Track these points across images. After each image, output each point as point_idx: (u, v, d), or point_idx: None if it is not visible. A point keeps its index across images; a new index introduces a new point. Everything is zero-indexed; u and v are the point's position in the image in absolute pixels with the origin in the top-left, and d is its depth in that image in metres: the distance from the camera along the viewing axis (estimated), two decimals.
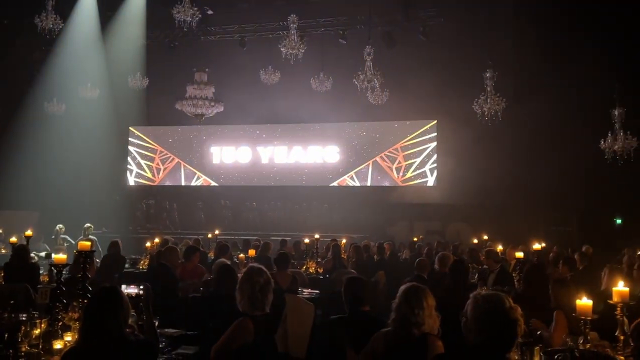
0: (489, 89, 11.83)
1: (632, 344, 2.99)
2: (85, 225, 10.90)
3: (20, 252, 6.33)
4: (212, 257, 8.01)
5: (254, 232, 13.44)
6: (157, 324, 3.66)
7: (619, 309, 3.35)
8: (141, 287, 3.78)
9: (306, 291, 6.66)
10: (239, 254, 7.86)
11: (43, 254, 8.88)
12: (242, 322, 3.21)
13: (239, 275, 3.87)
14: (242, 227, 14.95)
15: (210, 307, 4.52)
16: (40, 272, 6.41)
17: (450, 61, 12.15)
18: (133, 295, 3.50)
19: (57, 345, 3.35)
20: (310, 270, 8.50)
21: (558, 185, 12.42)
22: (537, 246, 7.80)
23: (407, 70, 12.60)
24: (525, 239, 9.69)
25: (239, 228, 14.64)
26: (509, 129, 12.30)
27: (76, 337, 3.28)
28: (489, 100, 11.73)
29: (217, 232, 11.82)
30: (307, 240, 10.09)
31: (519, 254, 6.54)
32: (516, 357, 2.78)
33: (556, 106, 12.15)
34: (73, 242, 10.54)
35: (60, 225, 11.15)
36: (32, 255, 7.29)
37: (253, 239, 10.58)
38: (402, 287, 3.08)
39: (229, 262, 6.22)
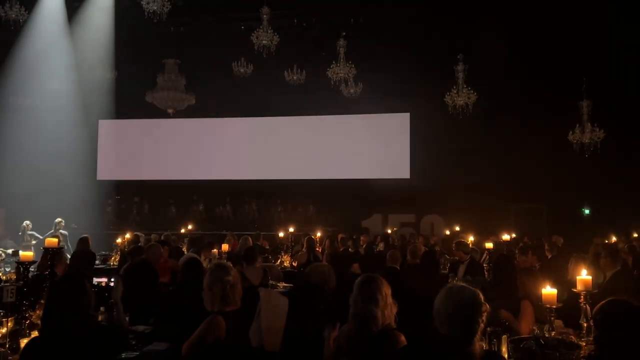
0: (460, 81, 12.01)
1: (595, 330, 3.08)
2: (56, 220, 10.67)
3: None
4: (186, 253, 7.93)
5: (227, 228, 13.35)
6: (127, 319, 3.62)
7: (582, 297, 3.46)
8: (112, 279, 3.75)
9: (280, 285, 6.66)
10: (213, 250, 7.78)
11: (10, 251, 8.66)
12: (213, 319, 3.20)
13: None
14: (215, 223, 14.85)
15: (177, 302, 4.49)
16: (7, 270, 6.27)
17: (422, 53, 12.24)
18: (103, 286, 3.45)
19: (25, 343, 3.29)
20: (285, 264, 8.52)
21: (528, 176, 12.71)
22: (506, 237, 7.97)
23: (380, 63, 12.65)
24: (496, 229, 9.89)
25: (211, 224, 14.55)
26: (479, 121, 12.49)
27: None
28: (460, 93, 11.91)
29: (190, 227, 11.73)
30: (281, 235, 10.11)
31: (489, 245, 6.69)
32: (484, 346, 2.84)
33: (525, 98, 12.40)
34: (41, 237, 10.31)
35: (28, 222, 10.90)
36: None
37: (226, 234, 10.52)
38: (357, 280, 3.05)
39: (196, 256, 6.18)
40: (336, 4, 11.84)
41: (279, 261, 8.67)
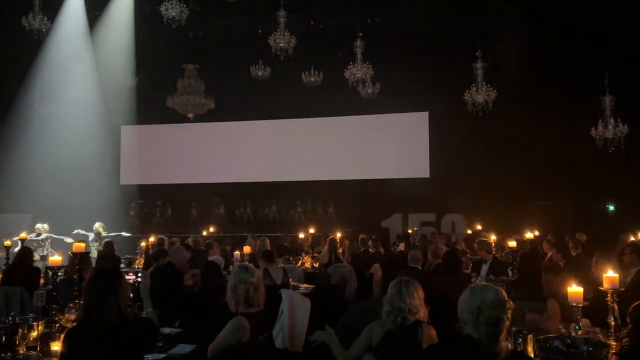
0: (479, 78, 11.90)
1: (629, 324, 3.07)
2: (96, 225, 10.82)
3: (24, 254, 6.36)
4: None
5: (247, 230, 13.46)
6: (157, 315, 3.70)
7: (609, 295, 3.40)
8: (139, 274, 3.83)
9: (302, 286, 6.69)
10: (235, 251, 7.86)
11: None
12: (237, 321, 3.24)
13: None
14: (235, 224, 14.99)
15: (202, 304, 4.56)
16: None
17: (440, 51, 12.17)
18: (130, 283, 3.53)
19: (55, 347, 3.37)
20: (306, 265, 8.55)
21: (551, 173, 12.52)
22: (529, 235, 7.87)
23: (398, 62, 12.61)
24: (519, 228, 9.77)
25: (232, 226, 14.69)
26: (500, 118, 12.36)
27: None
28: (479, 90, 11.81)
29: (212, 229, 11.85)
30: (301, 236, 10.15)
31: (512, 244, 6.61)
32: (509, 346, 2.82)
33: (546, 94, 12.22)
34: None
35: (45, 225, 11.04)
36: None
37: (247, 236, 10.61)
38: (394, 280, 3.23)
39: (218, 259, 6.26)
40: (352, 4, 11.83)
41: (299, 262, 8.70)
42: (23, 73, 12.70)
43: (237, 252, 7.77)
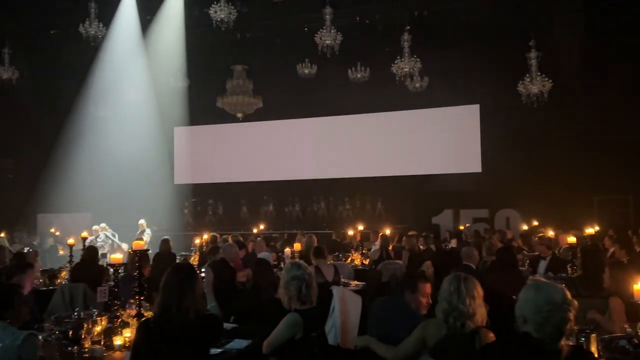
0: (533, 68, 11.48)
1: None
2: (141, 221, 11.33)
3: (91, 253, 6.71)
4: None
5: (296, 227, 13.56)
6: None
7: None
8: (203, 270, 3.94)
9: (352, 283, 6.67)
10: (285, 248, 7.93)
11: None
12: (292, 317, 3.28)
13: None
14: (284, 222, 15.16)
15: (256, 300, 4.64)
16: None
17: (491, 42, 11.82)
18: None
19: (117, 341, 3.51)
20: (356, 262, 8.53)
21: (611, 165, 11.92)
22: (590, 230, 7.54)
23: (446, 55, 12.34)
24: (577, 223, 9.37)
25: (281, 223, 14.86)
26: (555, 109, 11.89)
27: (134, 331, 3.42)
28: (533, 81, 11.41)
29: (262, 227, 12.01)
30: (350, 233, 10.15)
31: (572, 239, 6.35)
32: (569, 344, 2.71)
33: (604, 83, 11.64)
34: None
35: (103, 224, 11.56)
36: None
37: (297, 233, 10.68)
38: (450, 276, 3.05)
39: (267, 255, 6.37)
40: None
41: (349, 259, 8.69)
42: (81, 78, 13.29)
43: (287, 249, 7.85)
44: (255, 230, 11.75)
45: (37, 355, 2.85)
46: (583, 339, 2.96)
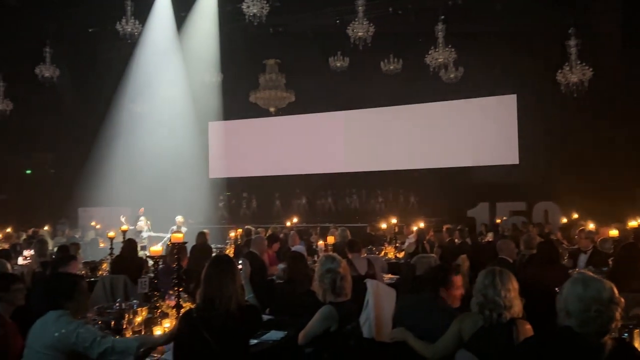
0: (572, 57, 11.13)
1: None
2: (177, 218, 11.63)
3: (131, 245, 6.90)
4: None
5: (329, 220, 13.58)
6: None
7: None
8: (240, 261, 3.98)
9: (386, 276, 6.64)
10: (319, 242, 7.97)
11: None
12: (327, 310, 3.29)
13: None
14: (317, 215, 15.22)
15: (291, 293, 4.67)
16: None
17: (528, 30, 11.49)
18: None
19: (157, 331, 3.60)
20: (389, 255, 8.48)
21: None
22: (633, 223, 7.28)
23: (482, 44, 12.07)
24: (619, 216, 9.06)
25: (314, 216, 14.92)
26: (596, 99, 11.49)
27: (174, 322, 3.51)
28: (573, 70, 11.05)
29: (295, 220, 12.07)
30: (384, 226, 10.08)
31: (613, 232, 6.15)
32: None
33: None
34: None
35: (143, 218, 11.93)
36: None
37: (330, 226, 10.71)
38: (485, 270, 3.04)
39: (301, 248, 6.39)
40: None
41: (382, 252, 8.65)
42: (118, 75, 13.61)
43: (321, 242, 7.88)
44: (288, 224, 11.84)
45: (97, 336, 2.89)
46: (626, 334, 2.88)
